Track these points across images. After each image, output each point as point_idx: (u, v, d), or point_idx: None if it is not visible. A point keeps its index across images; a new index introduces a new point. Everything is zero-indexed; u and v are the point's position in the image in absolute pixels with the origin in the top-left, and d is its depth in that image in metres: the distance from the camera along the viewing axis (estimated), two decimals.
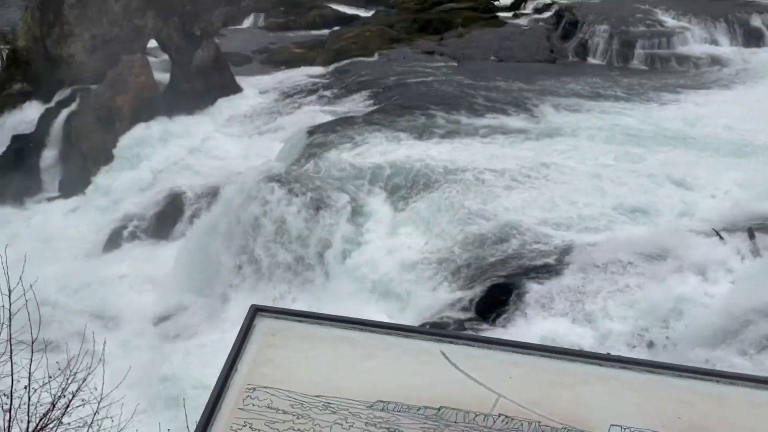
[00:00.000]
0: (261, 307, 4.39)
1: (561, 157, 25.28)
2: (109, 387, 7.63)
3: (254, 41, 57.53)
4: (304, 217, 21.72)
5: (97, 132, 33.98)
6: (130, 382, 10.30)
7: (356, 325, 4.28)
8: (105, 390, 7.56)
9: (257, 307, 4.36)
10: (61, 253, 26.58)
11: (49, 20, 38.76)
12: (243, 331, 4.11)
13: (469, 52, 43.88)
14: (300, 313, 4.49)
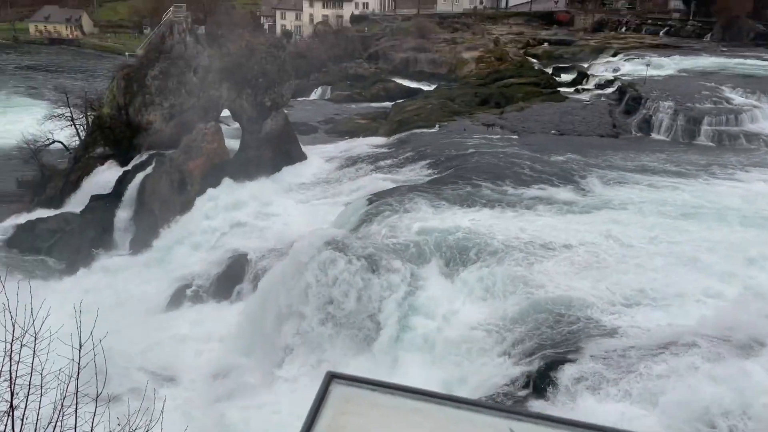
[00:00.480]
0: (336, 374, 4.51)
1: (620, 230, 24.83)
2: None
3: (321, 112, 59.91)
4: (361, 282, 21.84)
5: (169, 194, 35.71)
6: None
7: (427, 397, 4.35)
8: None
9: (332, 374, 4.48)
10: (127, 310, 27.52)
11: (132, 90, 41.72)
12: (319, 397, 4.23)
13: (529, 125, 44.34)
14: (373, 382, 4.57)
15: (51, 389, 6.74)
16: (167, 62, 40.75)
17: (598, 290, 20.65)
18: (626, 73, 59.24)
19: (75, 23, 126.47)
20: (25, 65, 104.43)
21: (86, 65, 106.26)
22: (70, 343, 7.14)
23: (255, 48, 40.73)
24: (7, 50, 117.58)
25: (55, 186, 40.90)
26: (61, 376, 6.87)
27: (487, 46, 76.31)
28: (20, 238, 36.05)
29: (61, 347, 7.21)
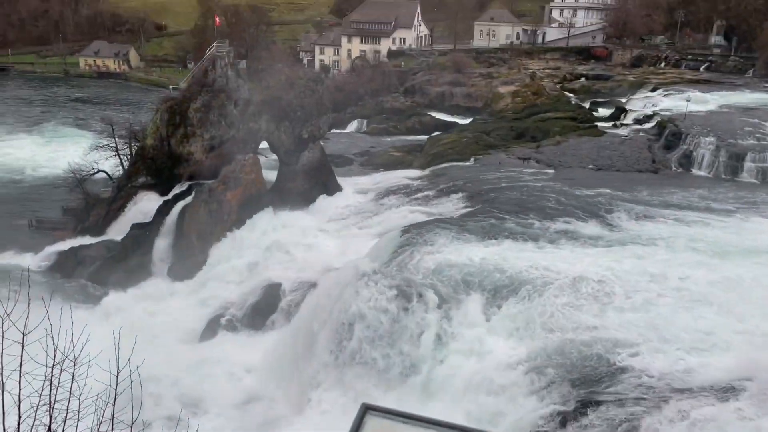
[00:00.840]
0: (371, 406, 4.53)
1: (662, 268, 24.18)
2: None
3: (356, 144, 60.68)
4: (394, 314, 21.72)
5: (207, 223, 36.35)
6: None
7: (459, 431, 4.31)
8: None
9: (368, 406, 4.51)
10: (163, 337, 27.85)
11: (175, 122, 42.94)
12: (354, 428, 4.25)
13: (566, 159, 44.02)
14: (408, 415, 4.58)
15: (88, 414, 6.84)
16: (209, 95, 41.92)
17: (631, 329, 20.10)
18: (665, 109, 58.59)
19: (122, 58, 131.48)
20: (75, 97, 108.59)
21: (132, 98, 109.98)
22: (107, 368, 7.26)
23: (294, 82, 41.63)
24: (58, 83, 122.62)
25: (98, 214, 42.05)
26: (98, 402, 6.97)
27: (524, 81, 76.56)
28: (63, 263, 37.04)
29: (98, 372, 7.34)
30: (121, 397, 7.43)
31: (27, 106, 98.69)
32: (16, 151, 70.09)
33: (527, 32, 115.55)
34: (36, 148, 72.10)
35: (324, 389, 20.89)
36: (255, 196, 37.83)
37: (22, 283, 8.17)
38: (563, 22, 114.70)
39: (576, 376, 17.97)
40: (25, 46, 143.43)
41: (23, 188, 58.06)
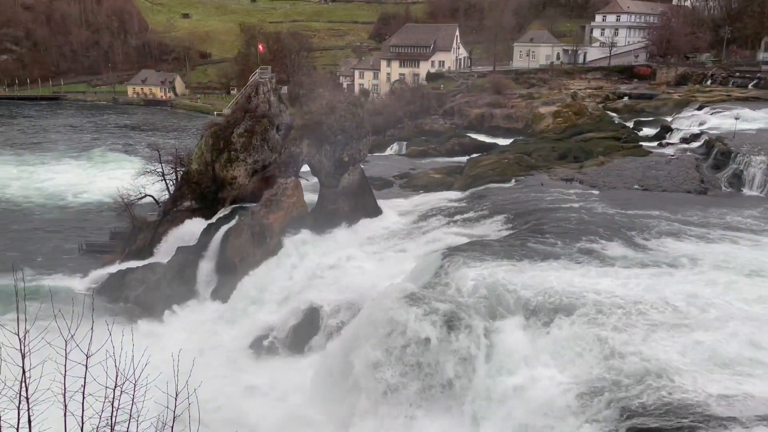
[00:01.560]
0: None
1: (714, 292, 23.31)
2: None
3: (396, 167, 60.78)
4: (437, 337, 21.43)
5: (250, 246, 36.78)
6: None
7: None
8: None
9: None
10: (207, 359, 28.11)
11: (219, 147, 43.86)
12: None
13: (610, 180, 43.15)
14: None
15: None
16: (252, 121, 42.76)
17: (687, 354, 19.35)
18: (713, 127, 57.08)
19: (168, 85, 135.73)
20: (123, 124, 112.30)
21: (177, 124, 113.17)
22: (163, 390, 7.31)
23: (335, 106, 42.09)
24: (107, 111, 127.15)
25: (145, 237, 43.01)
26: (157, 424, 7.02)
27: (565, 101, 75.80)
28: (111, 286, 37.89)
29: (153, 394, 7.39)
30: (179, 420, 7.46)
31: (78, 132, 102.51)
32: (67, 177, 72.70)
33: (567, 52, 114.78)
34: (85, 173, 74.68)
35: (368, 414, 20.66)
36: (296, 218, 38.17)
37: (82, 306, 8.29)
38: (604, 41, 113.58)
39: (628, 403, 17.33)
40: (77, 75, 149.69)
41: (73, 213, 60.05)
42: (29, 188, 68.50)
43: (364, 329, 23.98)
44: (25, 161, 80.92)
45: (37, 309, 8.60)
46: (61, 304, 8.55)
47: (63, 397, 6.53)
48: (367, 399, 21.49)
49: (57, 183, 70.56)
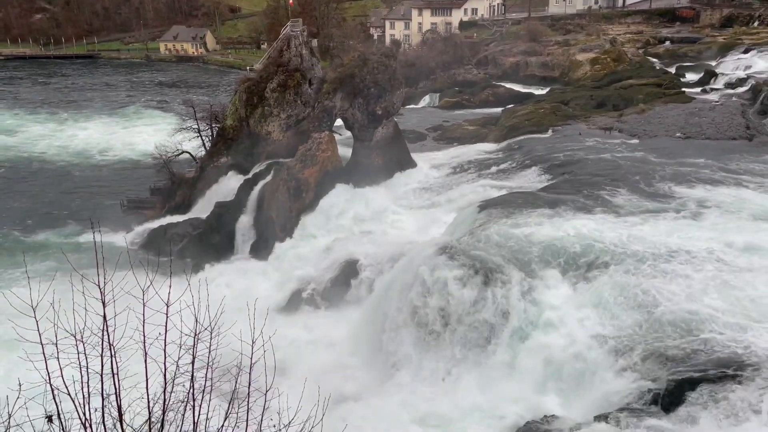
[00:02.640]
0: None
1: (754, 241, 22.75)
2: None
3: (429, 119, 60.02)
4: (476, 291, 21.56)
5: (286, 201, 37.18)
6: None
7: None
8: None
9: None
10: (248, 311, 28.82)
11: (253, 102, 43.96)
12: None
13: (651, 128, 41.94)
14: None
15: (225, 382, 7.23)
16: (285, 75, 42.59)
17: (728, 305, 19.11)
18: (760, 71, 54.75)
19: (200, 41, 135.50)
20: (158, 81, 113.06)
21: (210, 80, 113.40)
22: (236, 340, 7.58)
23: (367, 58, 41.54)
24: (141, 68, 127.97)
25: (184, 193, 43.84)
26: (233, 371, 7.33)
27: (603, 47, 73.35)
28: (154, 241, 38.93)
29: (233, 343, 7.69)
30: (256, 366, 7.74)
31: (113, 90, 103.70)
32: (104, 134, 73.97)
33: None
34: (123, 130, 75.85)
35: (406, 363, 21.10)
36: (331, 173, 38.29)
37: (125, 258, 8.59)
38: None
39: (668, 353, 17.30)
40: (110, 33, 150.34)
41: (111, 170, 61.31)
42: (67, 146, 69.99)
43: (400, 281, 24.27)
44: (63, 119, 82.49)
45: (87, 262, 8.89)
46: (113, 257, 8.84)
47: (143, 344, 6.83)
48: (404, 348, 21.90)
49: (95, 140, 71.91)
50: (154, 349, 6.95)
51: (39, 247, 41.59)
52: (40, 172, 61.11)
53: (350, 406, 19.54)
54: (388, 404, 18.82)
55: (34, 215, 48.18)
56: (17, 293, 7.57)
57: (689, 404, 16.05)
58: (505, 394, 18.56)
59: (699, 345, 17.42)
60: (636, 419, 15.58)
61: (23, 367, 6.67)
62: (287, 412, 7.53)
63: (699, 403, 15.98)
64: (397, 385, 20.19)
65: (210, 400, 7.01)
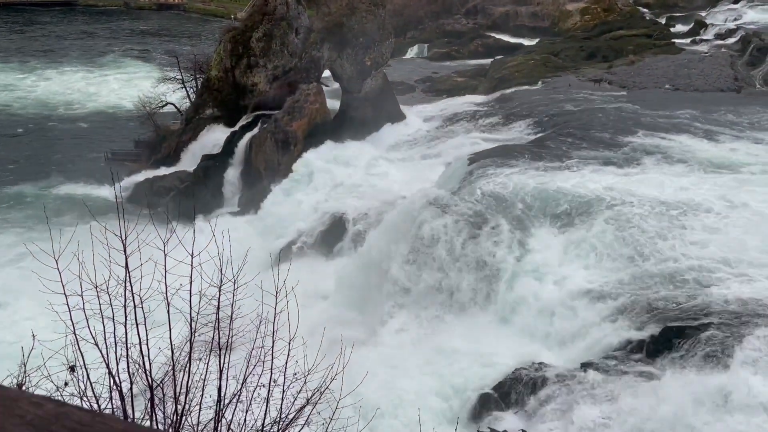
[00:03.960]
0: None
1: (742, 193, 23.09)
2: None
3: (418, 71, 59.27)
4: (465, 241, 21.81)
5: (274, 154, 36.88)
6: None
7: None
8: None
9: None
10: (238, 264, 28.89)
11: (238, 52, 43.02)
12: None
13: (640, 80, 41.80)
14: None
15: (248, 331, 7.34)
16: (270, 24, 41.59)
17: (717, 256, 19.49)
18: (751, 22, 54.39)
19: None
20: (138, 30, 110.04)
21: (192, 29, 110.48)
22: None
23: (355, 6, 40.60)
24: (121, 16, 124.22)
25: (169, 146, 43.25)
26: (256, 322, 7.42)
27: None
28: (139, 194, 38.57)
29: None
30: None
31: (92, 39, 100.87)
32: (84, 84, 72.19)
33: None
34: (102, 80, 74.11)
35: (397, 313, 21.43)
36: (320, 125, 37.93)
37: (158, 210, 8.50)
38: None
39: (655, 305, 17.70)
40: None
41: (93, 121, 60.13)
42: (46, 96, 68.31)
43: (390, 233, 24.42)
44: (38, 69, 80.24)
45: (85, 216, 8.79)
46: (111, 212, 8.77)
47: (165, 295, 6.85)
48: (395, 299, 22.21)
49: (72, 91, 70.20)
50: (176, 299, 6.99)
51: (17, 198, 41.27)
52: (14, 123, 59.77)
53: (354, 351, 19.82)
54: (387, 350, 19.23)
55: (15, 167, 47.48)
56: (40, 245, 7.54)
57: (674, 351, 16.54)
58: (494, 343, 18.96)
59: (683, 295, 17.82)
60: (623, 366, 16.04)
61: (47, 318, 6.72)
62: (305, 360, 7.68)
63: (683, 349, 16.47)
64: (390, 334, 20.53)
65: (231, 350, 7.10)
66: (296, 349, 7.56)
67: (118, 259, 6.64)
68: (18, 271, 29.82)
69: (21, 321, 26.42)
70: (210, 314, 7.10)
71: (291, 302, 7.56)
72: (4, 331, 26.91)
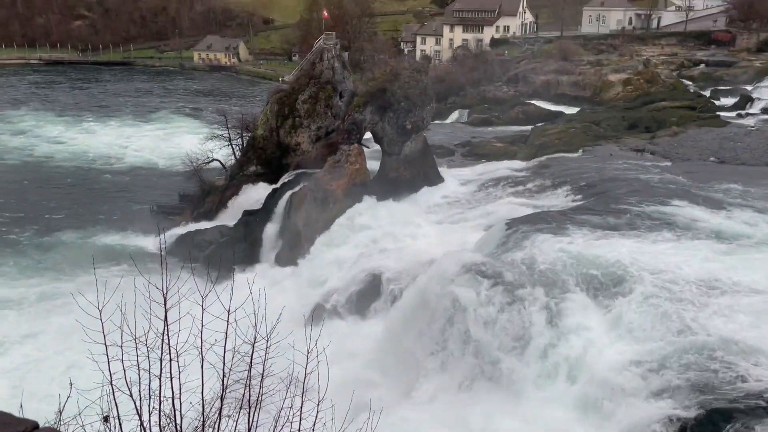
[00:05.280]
0: None
1: None
2: None
3: (458, 135, 60.03)
4: (500, 309, 21.36)
5: (313, 212, 37.36)
6: None
7: None
8: None
9: None
10: (272, 320, 28.91)
11: (284, 113, 44.43)
12: None
13: (684, 151, 41.35)
14: None
15: (278, 390, 7.29)
16: (316, 87, 43.00)
17: (764, 334, 18.60)
18: None
19: (233, 51, 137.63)
20: (191, 89, 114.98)
21: (242, 90, 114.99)
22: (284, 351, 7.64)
23: (398, 73, 41.73)
24: (175, 76, 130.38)
25: (213, 200, 44.35)
26: (286, 380, 7.38)
27: (636, 68, 72.75)
28: (181, 247, 39.34)
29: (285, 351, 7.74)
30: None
31: (147, 96, 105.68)
32: (135, 139, 75.22)
33: (640, 17, 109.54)
34: (154, 136, 77.09)
35: (429, 377, 20.92)
36: (359, 185, 38.40)
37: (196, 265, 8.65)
38: (681, 5, 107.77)
39: (698, 382, 16.87)
40: (146, 41, 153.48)
41: (142, 175, 62.27)
42: (95, 149, 71.25)
43: (424, 296, 24.13)
44: (92, 123, 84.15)
45: (125, 266, 8.96)
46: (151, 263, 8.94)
47: (200, 350, 6.89)
48: (427, 363, 21.73)
49: (122, 143, 73.16)
50: (211, 354, 7.03)
51: (63, 245, 42.54)
52: (63, 174, 62.26)
53: (375, 416, 19.37)
54: (413, 416, 18.66)
55: (63, 215, 49.19)
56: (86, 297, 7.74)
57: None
58: (529, 414, 18.25)
59: (732, 374, 16.95)
60: None
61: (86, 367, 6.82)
62: (333, 422, 7.53)
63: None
64: (419, 398, 20.00)
65: (260, 408, 7.04)
66: (325, 411, 7.44)
67: (158, 311, 6.74)
68: (63, 319, 30.57)
69: (61, 367, 26.84)
70: (242, 371, 7.09)
71: (322, 362, 7.47)
72: (45, 377, 27.35)
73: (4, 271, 39.53)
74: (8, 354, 30.76)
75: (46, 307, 34.36)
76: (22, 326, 32.88)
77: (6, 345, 31.49)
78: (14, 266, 40.07)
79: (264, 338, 7.12)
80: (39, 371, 28.62)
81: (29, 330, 32.41)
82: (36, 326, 32.65)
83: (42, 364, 29.26)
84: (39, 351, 30.64)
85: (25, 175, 61.42)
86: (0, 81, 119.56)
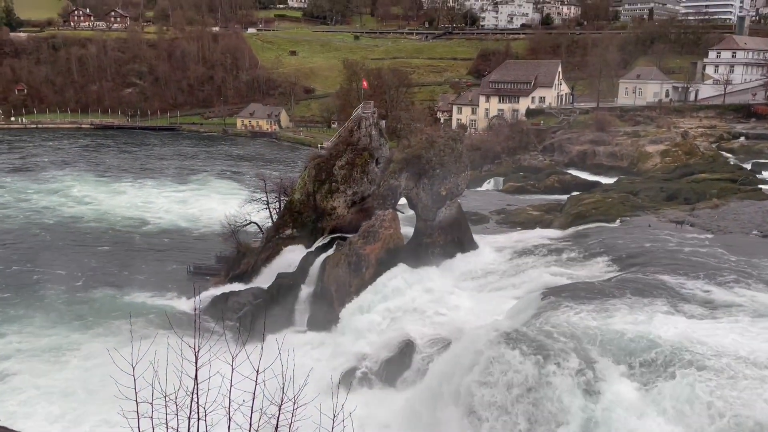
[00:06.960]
0: None
1: None
2: None
3: (493, 202, 60.01)
4: (535, 380, 20.73)
5: (346, 276, 37.39)
6: None
7: None
8: None
9: None
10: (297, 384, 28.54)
11: (321, 178, 45.27)
12: None
13: (725, 224, 40.41)
14: None
15: None
16: (353, 153, 43.86)
17: None
18: None
19: (274, 119, 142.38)
20: (233, 154, 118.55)
21: (281, 155, 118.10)
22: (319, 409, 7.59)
23: (434, 140, 42.40)
24: (218, 141, 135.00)
25: (248, 262, 44.81)
26: None
27: (674, 140, 72.46)
28: (215, 308, 39.62)
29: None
30: None
31: (190, 160, 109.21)
32: (174, 202, 77.27)
33: (677, 90, 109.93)
34: (192, 199, 79.13)
35: None
36: (393, 250, 38.46)
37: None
38: (719, 78, 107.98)
39: None
40: (192, 108, 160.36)
41: (180, 236, 63.59)
42: (135, 210, 73.33)
43: (458, 365, 23.60)
44: (132, 184, 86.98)
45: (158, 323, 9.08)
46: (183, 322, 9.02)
47: (228, 410, 6.88)
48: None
49: (162, 205, 75.17)
50: (238, 414, 6.99)
51: (99, 302, 43.28)
52: (102, 235, 63.86)
53: None
54: None
55: (102, 276, 50.25)
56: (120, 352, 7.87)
57: None
58: None
59: None
60: None
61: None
62: None
63: None
64: None
65: None
66: None
67: (189, 369, 6.78)
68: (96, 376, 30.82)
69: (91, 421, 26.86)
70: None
71: (348, 428, 7.33)
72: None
73: (46, 324, 40.31)
74: (40, 405, 30.98)
75: (84, 365, 34.68)
76: (59, 382, 33.22)
77: (42, 396, 31.76)
78: (45, 319, 40.97)
79: (291, 400, 7.05)
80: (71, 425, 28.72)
81: (66, 386, 32.67)
82: (72, 382, 32.92)
83: (73, 416, 29.36)
84: (71, 405, 30.80)
85: (59, 235, 63.29)
86: (53, 144, 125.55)
